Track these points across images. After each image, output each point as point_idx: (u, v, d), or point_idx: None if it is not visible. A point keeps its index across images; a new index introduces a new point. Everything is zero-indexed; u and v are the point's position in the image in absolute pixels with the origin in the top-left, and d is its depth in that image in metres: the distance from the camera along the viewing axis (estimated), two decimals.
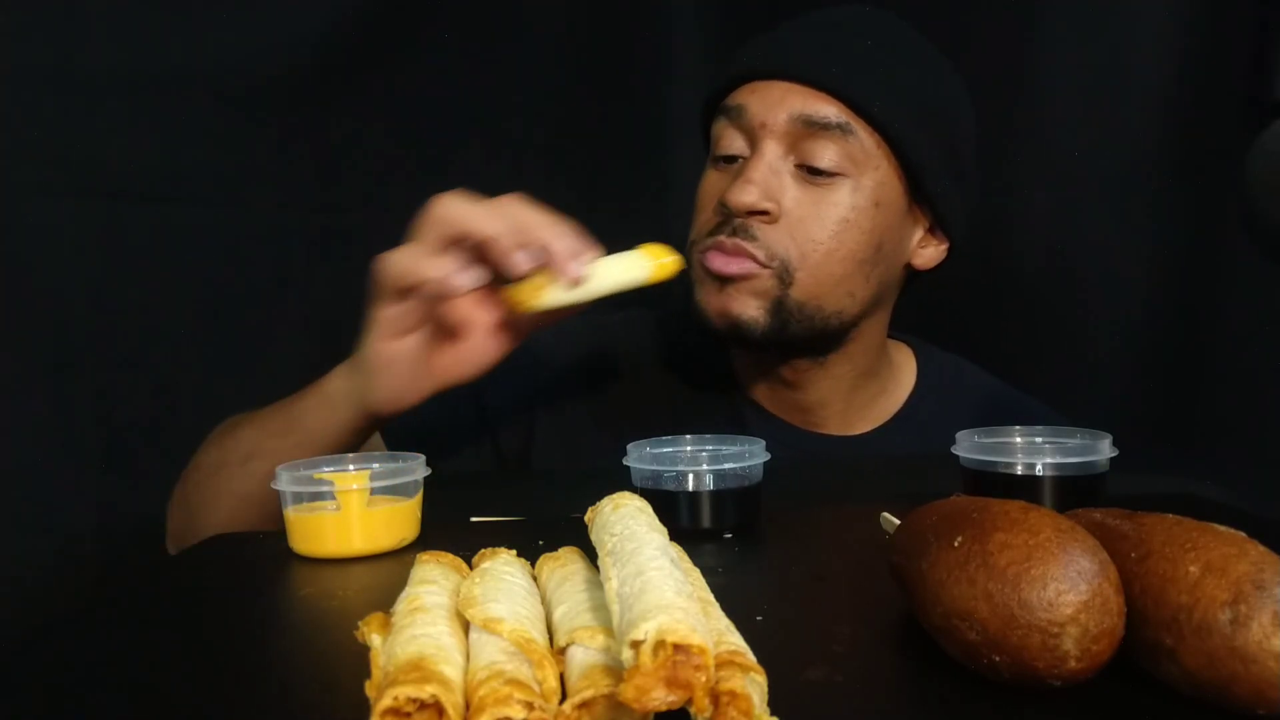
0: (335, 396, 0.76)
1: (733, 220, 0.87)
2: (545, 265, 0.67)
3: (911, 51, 0.91)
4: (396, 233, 0.69)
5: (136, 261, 1.04)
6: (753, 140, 0.88)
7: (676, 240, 0.98)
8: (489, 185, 1.35)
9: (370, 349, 0.72)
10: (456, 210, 0.67)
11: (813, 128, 0.85)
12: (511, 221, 0.66)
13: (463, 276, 0.67)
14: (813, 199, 0.86)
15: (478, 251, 0.67)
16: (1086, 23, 1.20)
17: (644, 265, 0.72)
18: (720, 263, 0.86)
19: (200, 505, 0.81)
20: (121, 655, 0.47)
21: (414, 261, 0.67)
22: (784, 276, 0.86)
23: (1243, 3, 1.10)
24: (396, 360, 0.72)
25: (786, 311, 0.87)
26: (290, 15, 1.11)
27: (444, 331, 0.73)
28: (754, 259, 0.85)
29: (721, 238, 0.87)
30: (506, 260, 0.66)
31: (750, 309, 0.87)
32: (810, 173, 0.86)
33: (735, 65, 0.91)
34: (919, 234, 0.93)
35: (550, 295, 0.68)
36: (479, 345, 0.74)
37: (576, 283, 0.67)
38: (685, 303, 0.92)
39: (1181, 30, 1.15)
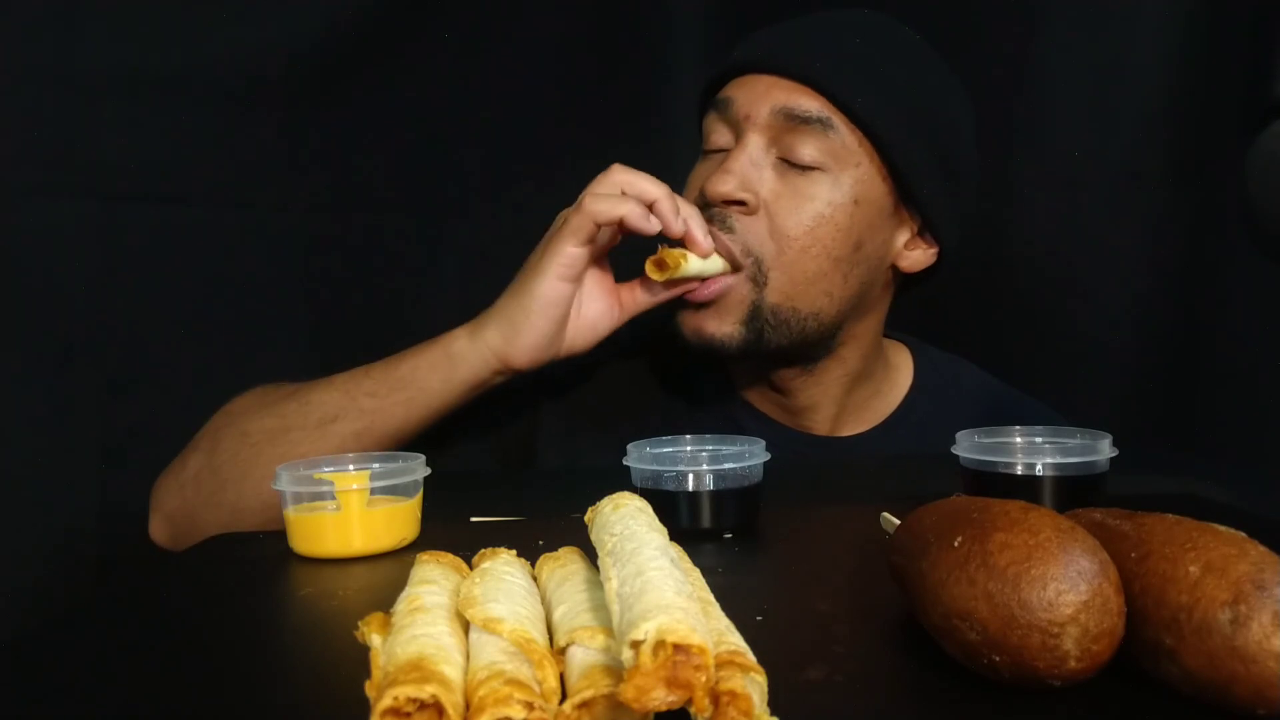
0: (463, 352, 0.82)
1: (710, 209, 0.87)
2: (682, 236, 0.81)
3: (905, 54, 0.91)
4: (396, 233, 0.70)
5: (136, 261, 1.04)
6: (738, 132, 0.89)
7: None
8: (489, 184, 1.35)
9: (536, 289, 0.80)
10: (631, 174, 0.80)
11: (794, 121, 0.86)
12: (670, 191, 0.80)
13: (651, 220, 0.79)
14: (791, 191, 0.86)
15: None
16: (1087, 23, 1.20)
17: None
18: (694, 291, 0.87)
19: (244, 476, 0.80)
20: (121, 655, 0.47)
21: (614, 203, 0.78)
22: (758, 278, 0.86)
23: (1243, 3, 1.10)
24: (558, 303, 0.81)
25: (762, 319, 0.87)
26: (290, 15, 1.11)
27: (590, 290, 0.84)
28: (730, 256, 0.86)
29: None
30: (669, 220, 0.79)
31: (725, 325, 0.87)
32: (790, 165, 0.87)
33: (727, 60, 0.92)
34: (905, 236, 0.93)
35: (688, 265, 0.81)
36: (602, 315, 0.85)
37: (705, 255, 0.82)
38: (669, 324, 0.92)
39: (1181, 30, 1.15)
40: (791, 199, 0.86)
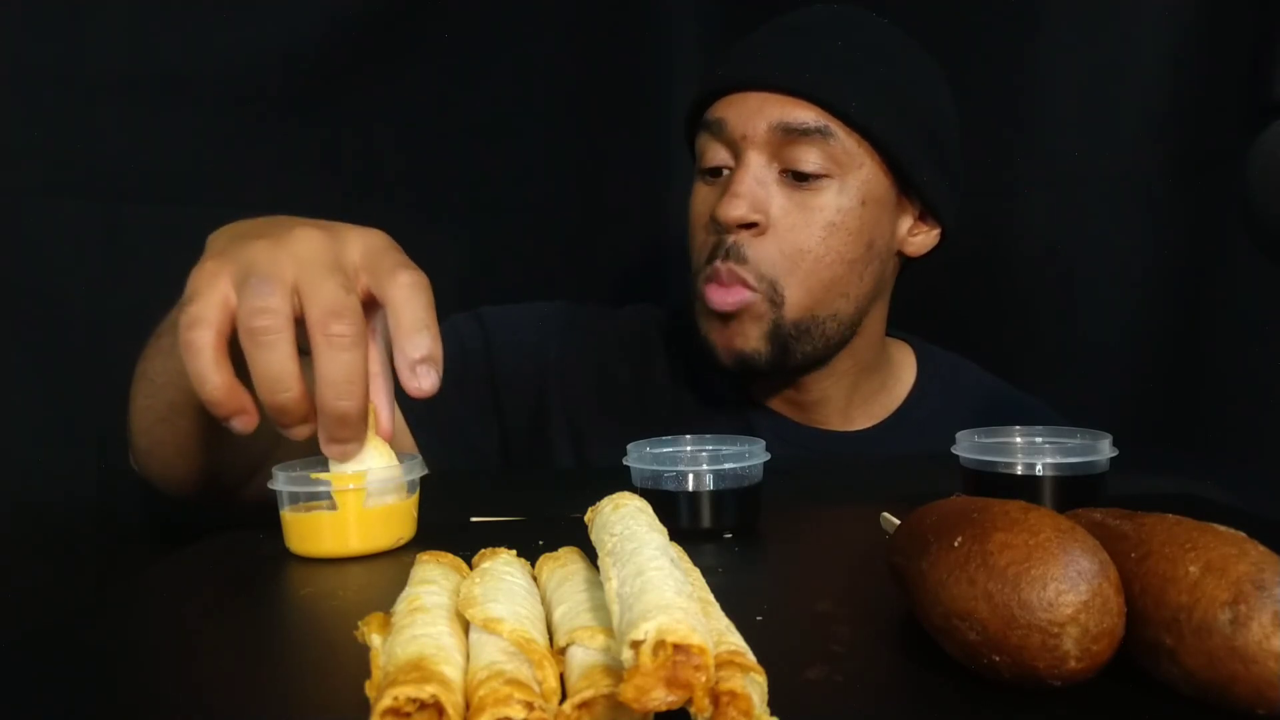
0: None
1: (725, 241, 0.87)
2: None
3: (883, 46, 0.91)
4: (396, 233, 0.69)
5: (136, 261, 1.04)
6: (736, 152, 0.89)
7: (677, 242, 0.98)
8: (489, 186, 1.35)
9: None
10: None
11: (793, 134, 0.86)
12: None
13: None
14: (799, 205, 0.87)
15: None
16: (1086, 23, 1.20)
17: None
18: (718, 297, 0.87)
19: None
20: (121, 654, 0.47)
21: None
22: (774, 297, 0.87)
23: (1243, 3, 1.10)
24: None
25: (784, 335, 0.87)
26: (290, 15, 1.11)
27: None
28: (746, 284, 0.86)
29: (716, 265, 0.87)
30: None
31: (752, 340, 0.88)
32: (796, 177, 0.87)
33: (711, 78, 0.92)
34: (909, 223, 0.94)
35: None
36: None
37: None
38: (694, 338, 0.93)
39: (1181, 30, 1.15)
40: (801, 213, 0.87)
